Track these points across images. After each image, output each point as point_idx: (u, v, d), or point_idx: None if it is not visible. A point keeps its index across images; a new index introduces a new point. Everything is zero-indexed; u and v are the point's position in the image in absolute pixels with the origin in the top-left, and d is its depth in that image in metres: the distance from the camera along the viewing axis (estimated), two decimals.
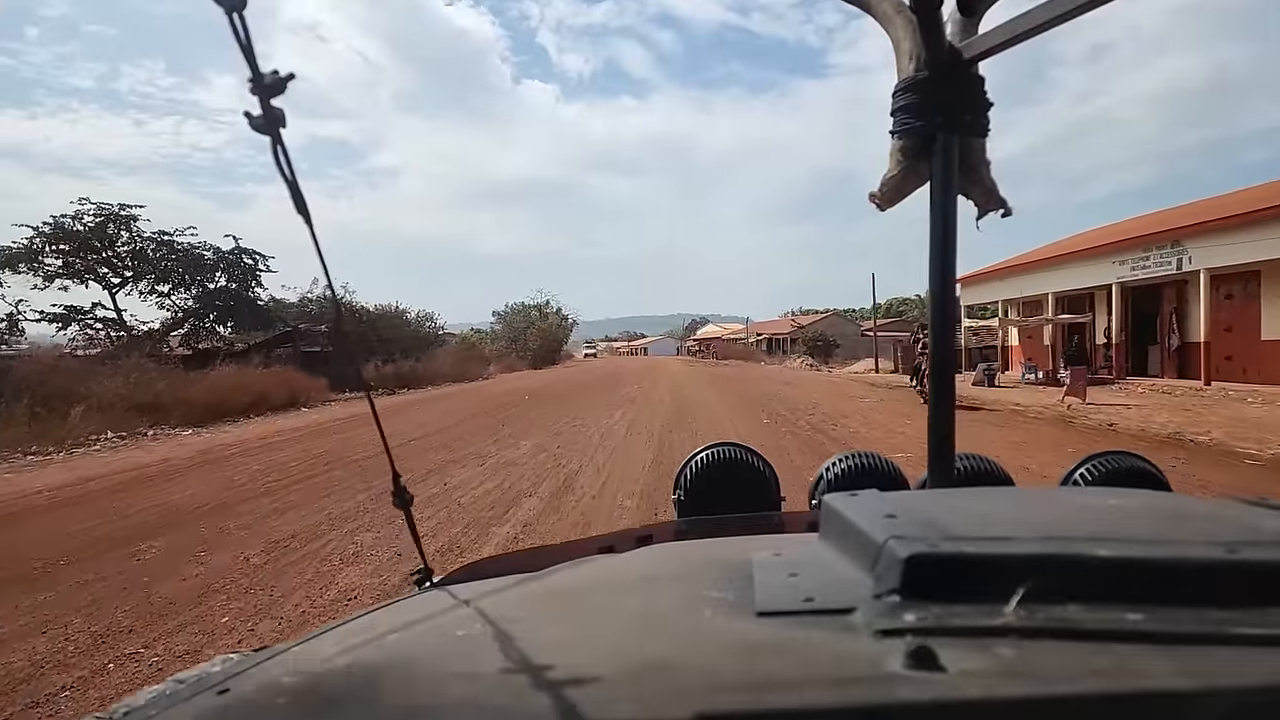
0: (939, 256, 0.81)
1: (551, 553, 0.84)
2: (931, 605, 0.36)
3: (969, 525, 0.43)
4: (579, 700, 0.32)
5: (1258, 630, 0.33)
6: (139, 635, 3.32)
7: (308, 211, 0.49)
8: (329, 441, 9.79)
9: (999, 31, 0.76)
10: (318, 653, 0.46)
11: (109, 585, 4.01)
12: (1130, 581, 0.36)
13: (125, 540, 4.93)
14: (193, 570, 4.24)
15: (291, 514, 5.57)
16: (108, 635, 3.32)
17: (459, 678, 0.38)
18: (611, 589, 0.52)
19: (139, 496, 6.42)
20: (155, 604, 3.70)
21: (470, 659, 0.39)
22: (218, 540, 4.88)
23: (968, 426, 9.62)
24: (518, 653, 0.38)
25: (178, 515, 5.65)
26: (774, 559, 0.48)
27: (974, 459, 1.14)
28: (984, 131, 0.84)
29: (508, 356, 41.05)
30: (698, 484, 1.18)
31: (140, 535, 5.05)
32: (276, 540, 4.83)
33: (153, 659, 3.05)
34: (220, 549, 4.66)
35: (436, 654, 0.42)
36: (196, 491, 6.56)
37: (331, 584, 3.92)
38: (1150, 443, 8.47)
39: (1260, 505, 0.50)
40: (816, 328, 48.96)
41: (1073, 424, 10.38)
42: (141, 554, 4.61)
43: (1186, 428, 9.35)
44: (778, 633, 0.37)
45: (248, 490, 6.56)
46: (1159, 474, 1.03)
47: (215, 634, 3.27)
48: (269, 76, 0.45)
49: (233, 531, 5.11)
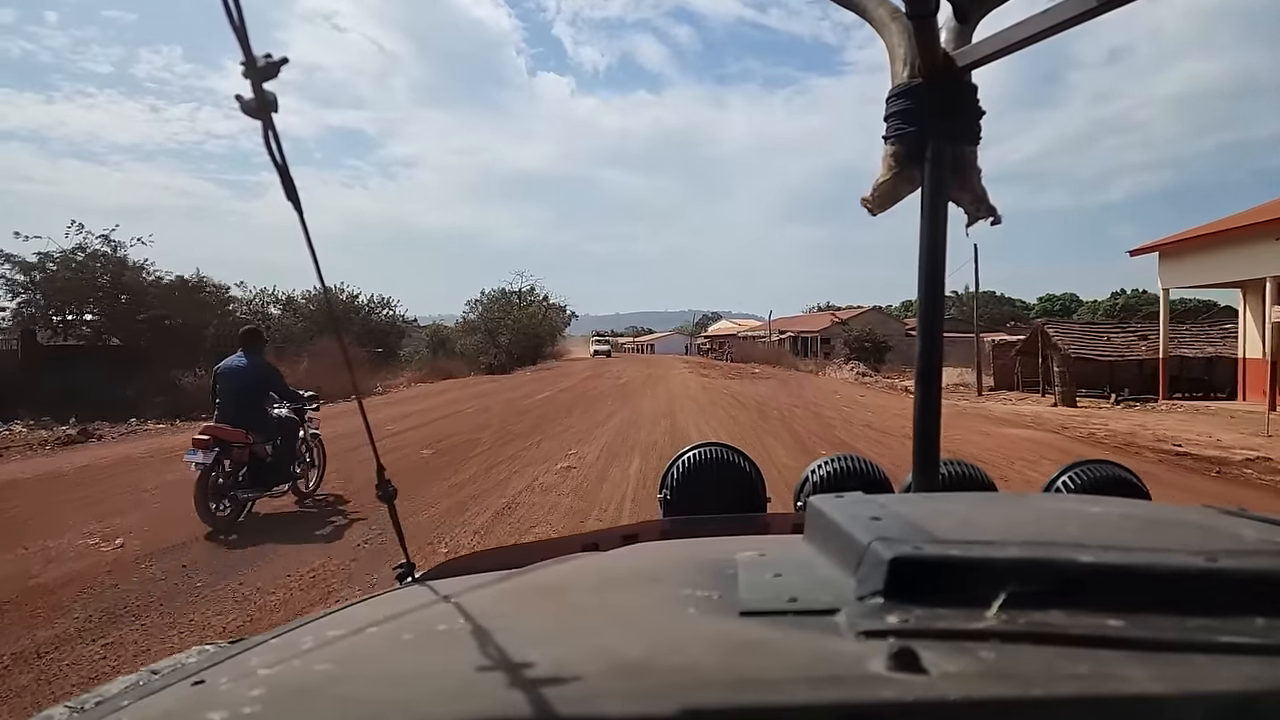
0: (928, 262, 0.81)
1: (536, 549, 0.83)
2: (914, 607, 0.36)
3: (953, 529, 0.43)
4: (560, 697, 0.32)
5: (1236, 638, 0.34)
6: None
7: (298, 198, 0.49)
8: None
9: (993, 40, 0.77)
10: (295, 645, 0.45)
11: None
12: (1111, 588, 0.37)
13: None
14: None
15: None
16: None
17: (438, 673, 0.37)
18: (595, 586, 0.52)
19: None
20: None
21: (450, 654, 0.39)
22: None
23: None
24: (498, 648, 0.37)
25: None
26: (758, 559, 0.48)
27: (958, 464, 1.15)
28: (976, 139, 0.85)
29: (485, 353, 32.49)
30: (684, 484, 1.17)
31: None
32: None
33: None
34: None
35: (416, 648, 0.42)
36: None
37: None
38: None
39: (1239, 515, 0.51)
40: (861, 324, 38.19)
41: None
42: None
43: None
44: (761, 632, 0.37)
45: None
46: (1139, 483, 1.05)
47: None
48: (262, 60, 0.44)
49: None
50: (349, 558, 4.61)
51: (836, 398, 17.54)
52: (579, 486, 6.88)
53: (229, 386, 5.65)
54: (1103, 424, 12.37)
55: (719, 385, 20.67)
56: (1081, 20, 0.68)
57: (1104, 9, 0.66)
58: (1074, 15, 0.68)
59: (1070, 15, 0.68)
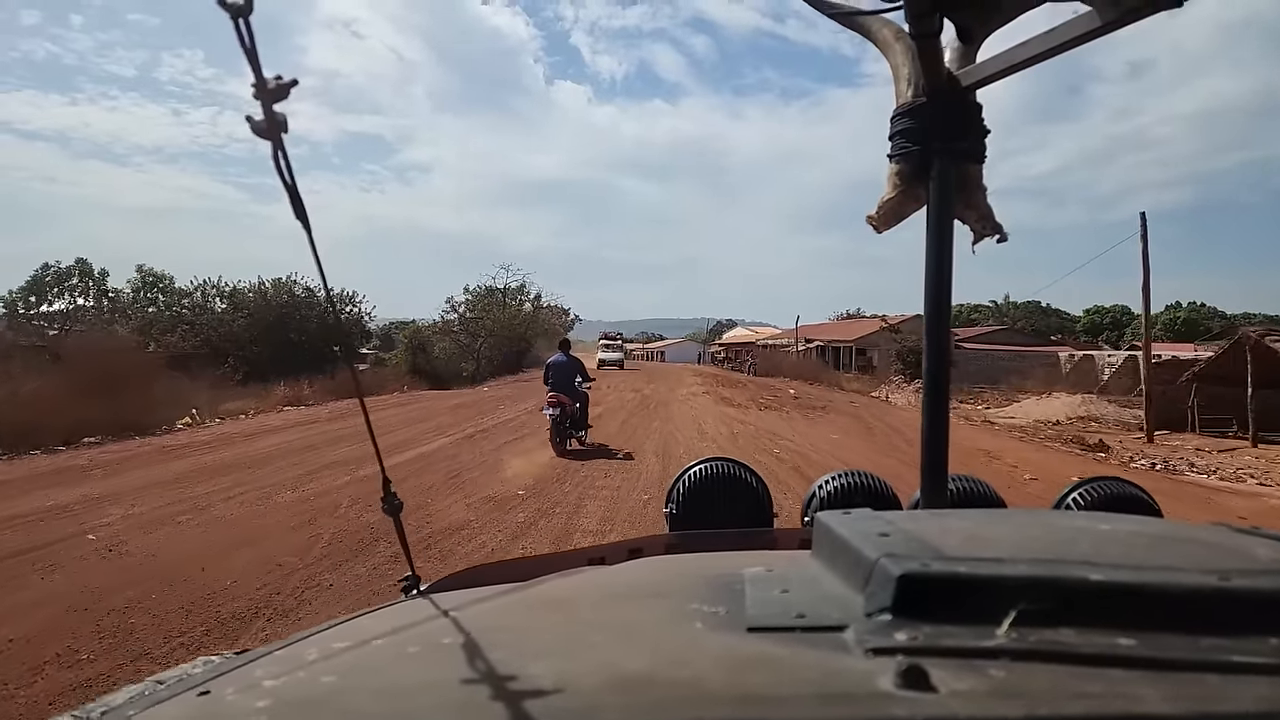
0: (934, 280, 0.81)
1: (541, 563, 0.83)
2: (923, 625, 0.36)
3: (962, 546, 0.43)
4: (564, 711, 0.32)
5: (1249, 658, 0.33)
6: None
7: (306, 217, 0.49)
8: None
9: (997, 60, 0.77)
10: (300, 657, 0.45)
11: None
12: (1122, 606, 0.36)
13: None
14: None
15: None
16: None
17: (442, 686, 0.37)
18: (601, 600, 0.51)
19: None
20: None
21: (454, 667, 0.39)
22: None
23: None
24: (503, 662, 0.37)
25: None
26: (766, 574, 0.48)
27: (967, 480, 1.14)
28: (981, 158, 0.85)
29: (465, 359, 27.70)
30: (691, 498, 1.17)
31: None
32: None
33: None
34: None
35: (420, 661, 0.42)
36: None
37: None
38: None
39: (1252, 534, 0.50)
40: (907, 332, 27.16)
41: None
42: None
43: None
44: (768, 648, 0.37)
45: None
46: (1150, 500, 1.03)
47: None
48: (273, 82, 0.44)
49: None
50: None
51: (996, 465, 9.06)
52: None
53: (558, 372, 9.44)
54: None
55: (754, 425, 12.26)
56: (1085, 41, 0.68)
57: (1107, 30, 0.66)
58: (1078, 35, 0.68)
59: (1074, 35, 0.69)
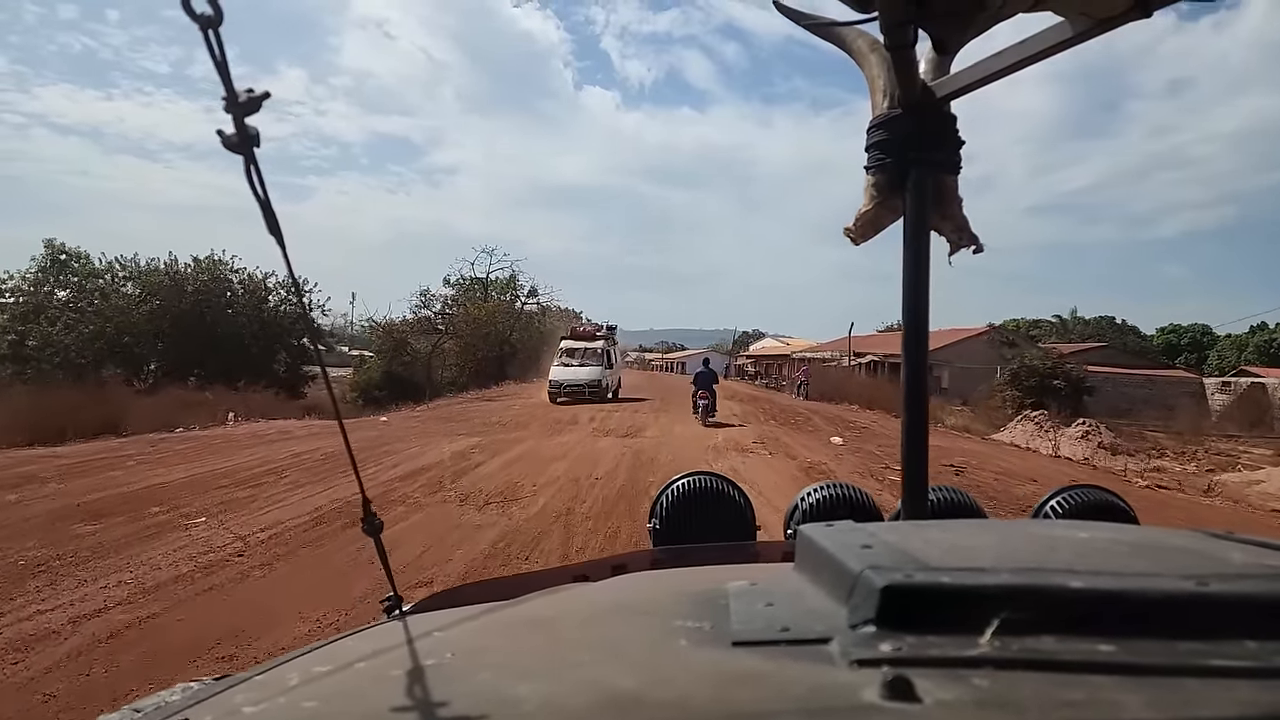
0: (912, 292, 0.82)
1: (525, 581, 0.82)
2: (907, 635, 0.36)
3: (944, 556, 0.43)
4: None
5: (1228, 662, 0.34)
6: None
7: (280, 233, 0.48)
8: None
9: (971, 71, 0.78)
10: (281, 682, 0.44)
11: None
12: (1103, 613, 0.36)
13: None
14: None
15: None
16: None
17: (425, 709, 0.36)
18: (585, 618, 0.51)
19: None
20: None
21: (438, 688, 0.38)
22: None
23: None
24: (487, 682, 0.37)
25: None
26: (749, 588, 0.47)
27: (947, 491, 1.15)
28: (956, 169, 0.86)
29: (445, 367, 23.71)
30: (673, 513, 1.17)
31: None
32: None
33: None
34: None
35: (403, 684, 0.41)
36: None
37: None
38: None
39: (1227, 539, 0.51)
40: (1025, 347, 23.58)
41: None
42: None
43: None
44: (753, 663, 0.36)
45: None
46: (1127, 507, 1.06)
47: None
48: (244, 95, 0.43)
49: None
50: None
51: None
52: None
53: (701, 372, 14.71)
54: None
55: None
56: (1058, 51, 0.70)
57: (1079, 39, 0.67)
58: (1050, 45, 0.70)
59: (1047, 46, 0.70)
